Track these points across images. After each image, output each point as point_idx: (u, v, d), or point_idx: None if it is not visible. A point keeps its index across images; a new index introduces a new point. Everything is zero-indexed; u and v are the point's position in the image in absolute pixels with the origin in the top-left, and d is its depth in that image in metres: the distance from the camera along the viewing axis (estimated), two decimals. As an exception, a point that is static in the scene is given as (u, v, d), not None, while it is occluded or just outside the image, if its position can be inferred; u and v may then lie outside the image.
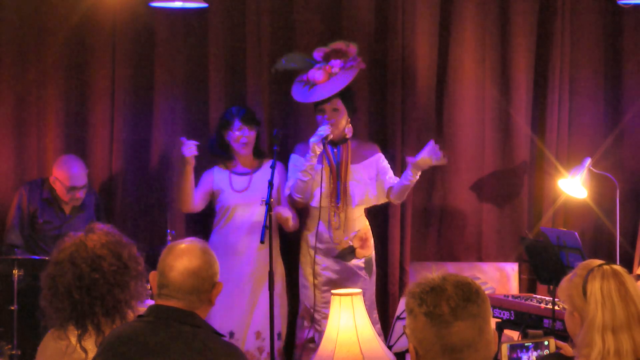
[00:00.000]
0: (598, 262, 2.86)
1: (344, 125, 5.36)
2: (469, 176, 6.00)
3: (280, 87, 5.69)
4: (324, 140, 5.22)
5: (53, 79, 5.69)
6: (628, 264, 5.69)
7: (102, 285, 3.09)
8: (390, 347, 4.71)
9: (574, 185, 5.53)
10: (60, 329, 3.11)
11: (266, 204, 4.92)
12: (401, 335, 4.74)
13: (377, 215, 5.77)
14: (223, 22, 5.78)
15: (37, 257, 5.16)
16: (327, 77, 5.30)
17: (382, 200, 5.48)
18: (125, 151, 5.77)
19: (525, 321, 5.09)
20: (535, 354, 3.37)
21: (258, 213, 5.30)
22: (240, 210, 5.41)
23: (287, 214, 5.33)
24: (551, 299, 4.94)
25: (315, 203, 5.36)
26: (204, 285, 2.80)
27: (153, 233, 5.70)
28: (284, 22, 5.84)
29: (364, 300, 4.33)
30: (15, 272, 5.04)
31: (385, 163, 5.47)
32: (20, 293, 5.08)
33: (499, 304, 5.26)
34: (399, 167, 5.84)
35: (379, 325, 5.43)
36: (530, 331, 4.90)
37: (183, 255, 2.79)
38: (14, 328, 5.08)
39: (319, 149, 5.22)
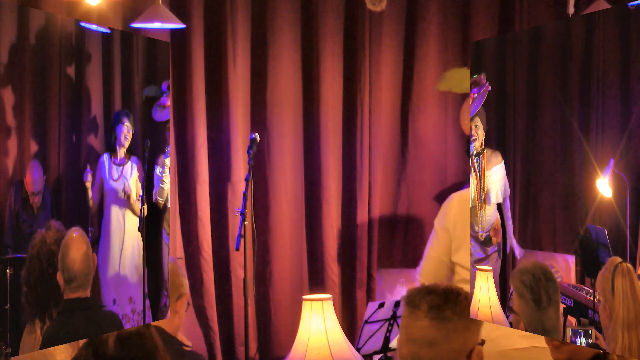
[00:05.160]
0: (619, 259, 3.08)
1: None
2: (432, 187, 6.12)
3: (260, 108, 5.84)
4: None
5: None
6: (633, 263, 5.88)
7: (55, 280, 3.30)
8: (358, 350, 4.81)
9: (604, 185, 5.71)
10: (32, 323, 3.34)
11: (241, 214, 4.97)
12: (369, 338, 4.85)
13: (347, 224, 5.94)
14: (201, 42, 5.74)
15: (20, 255, 5.30)
16: None
17: None
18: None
19: (580, 309, 5.35)
20: (584, 340, 3.63)
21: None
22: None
23: None
24: (592, 291, 5.17)
25: None
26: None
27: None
28: (259, 42, 5.88)
29: None
30: (8, 271, 5.19)
31: None
32: (11, 292, 5.22)
33: (564, 291, 5.52)
34: (366, 176, 6.02)
35: None
36: (582, 319, 5.18)
37: (76, 244, 3.09)
38: (7, 327, 5.22)
39: None
